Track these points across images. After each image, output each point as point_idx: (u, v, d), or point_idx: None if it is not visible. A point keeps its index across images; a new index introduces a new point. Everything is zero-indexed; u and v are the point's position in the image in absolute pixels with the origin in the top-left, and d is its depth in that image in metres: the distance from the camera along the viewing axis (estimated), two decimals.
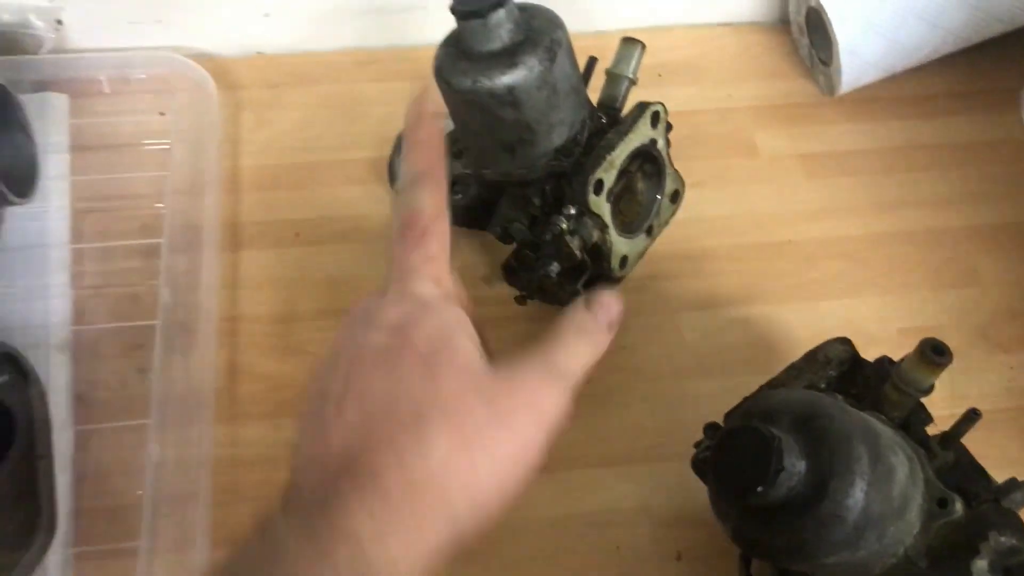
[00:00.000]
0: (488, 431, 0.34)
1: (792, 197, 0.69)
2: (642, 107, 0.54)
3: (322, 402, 0.35)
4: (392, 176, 0.63)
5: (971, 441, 0.48)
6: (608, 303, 0.40)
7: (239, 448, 0.58)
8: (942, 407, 0.49)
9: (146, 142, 0.69)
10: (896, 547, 0.42)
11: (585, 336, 0.39)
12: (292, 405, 0.59)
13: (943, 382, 0.60)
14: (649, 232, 0.58)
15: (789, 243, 0.67)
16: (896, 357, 0.48)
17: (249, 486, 0.57)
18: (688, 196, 0.66)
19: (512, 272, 0.59)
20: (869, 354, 0.51)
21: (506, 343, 0.62)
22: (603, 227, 0.54)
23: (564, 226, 0.51)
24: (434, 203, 0.40)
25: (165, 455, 0.55)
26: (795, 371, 0.50)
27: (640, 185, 0.57)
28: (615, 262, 0.55)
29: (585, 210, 0.52)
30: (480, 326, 0.40)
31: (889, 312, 0.64)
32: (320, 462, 0.34)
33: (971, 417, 0.45)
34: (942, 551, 0.43)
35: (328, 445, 0.34)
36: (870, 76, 0.72)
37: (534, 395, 0.36)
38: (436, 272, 0.39)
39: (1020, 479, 0.45)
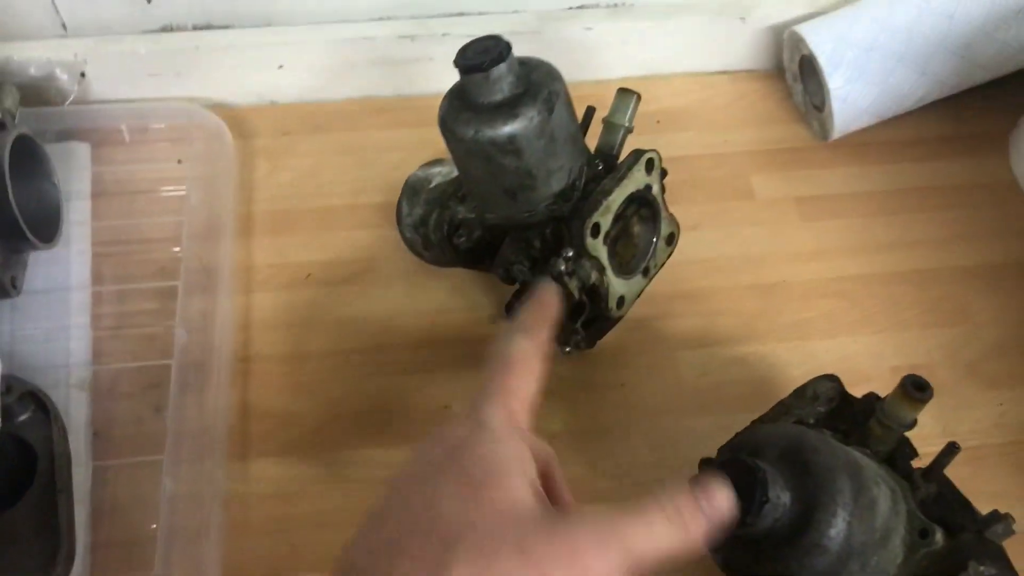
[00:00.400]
0: (510, 566, 0.33)
1: (787, 238, 0.71)
2: (637, 154, 0.57)
3: (376, 510, 0.37)
4: (400, 221, 0.66)
5: (962, 475, 0.49)
6: (716, 494, 0.37)
7: (250, 484, 0.60)
8: (933, 442, 0.50)
9: (164, 189, 0.72)
10: None
11: (675, 521, 0.35)
12: (302, 442, 0.62)
13: (934, 418, 0.62)
14: (645, 273, 0.60)
15: (783, 283, 0.69)
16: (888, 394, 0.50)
17: (260, 521, 0.59)
18: (685, 238, 0.68)
19: (514, 311, 0.61)
20: (863, 391, 0.52)
21: None
22: (600, 269, 0.56)
23: (562, 267, 0.53)
24: (528, 348, 0.42)
25: (179, 490, 0.57)
26: (784, 407, 0.52)
27: (636, 228, 0.59)
28: (612, 302, 0.58)
29: (583, 252, 0.54)
30: (551, 472, 0.41)
31: (882, 350, 0.66)
32: (354, 567, 0.36)
33: (951, 450, 0.46)
34: None
35: (364, 551, 0.36)
36: (862, 121, 0.74)
37: (576, 555, 0.33)
38: (511, 405, 0.40)
39: (1004, 511, 0.47)
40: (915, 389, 0.46)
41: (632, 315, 0.65)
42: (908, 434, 0.49)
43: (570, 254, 0.54)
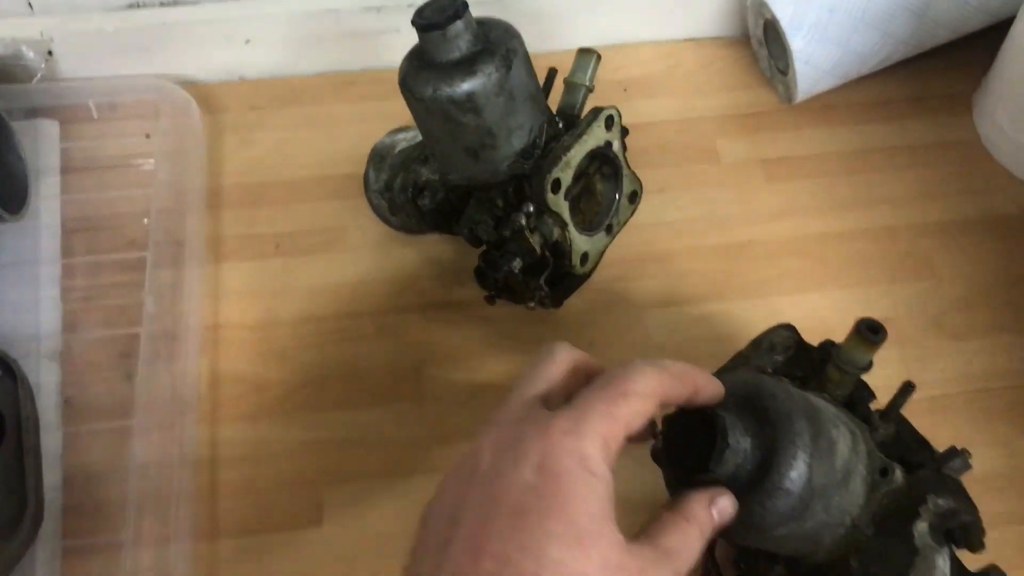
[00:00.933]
0: None
1: (753, 200, 0.72)
2: (596, 111, 0.57)
3: (453, 537, 0.35)
4: (367, 187, 0.66)
5: (926, 424, 0.50)
6: (722, 501, 0.41)
7: (221, 448, 0.61)
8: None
9: (132, 163, 0.72)
10: (843, 517, 0.44)
11: (704, 533, 0.40)
12: (272, 407, 0.62)
13: (899, 370, 0.63)
14: (609, 230, 0.61)
15: (750, 243, 0.69)
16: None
17: (230, 484, 0.59)
18: (652, 201, 0.68)
19: (482, 274, 0.62)
20: None
21: (476, 343, 0.65)
22: (563, 224, 0.56)
23: (523, 222, 0.54)
24: (652, 390, 0.39)
25: (149, 455, 0.58)
26: (742, 358, 0.53)
27: (599, 186, 0.60)
28: (576, 259, 0.58)
29: (544, 208, 0.55)
30: None
31: (847, 305, 0.66)
32: None
33: (906, 390, 0.47)
34: (886, 518, 0.45)
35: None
36: (825, 83, 0.75)
37: None
38: (610, 437, 0.37)
39: (962, 447, 0.47)
40: (869, 331, 0.46)
41: (599, 277, 0.65)
42: (874, 386, 0.49)
43: (531, 209, 0.55)
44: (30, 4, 0.74)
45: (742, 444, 0.43)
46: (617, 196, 0.60)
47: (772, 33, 0.75)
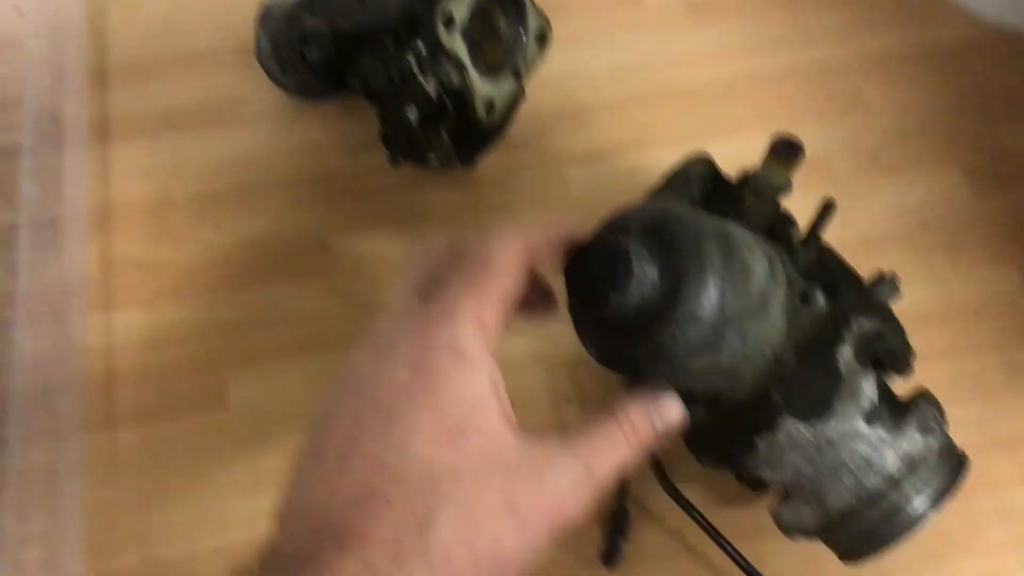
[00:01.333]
0: (499, 524, 0.31)
1: (677, 44, 0.67)
2: None
3: (327, 443, 0.32)
4: (258, 48, 0.61)
5: (861, 263, 0.47)
6: (666, 408, 0.38)
7: (116, 336, 0.57)
8: (832, 233, 0.48)
9: (2, 41, 0.66)
10: (762, 348, 0.41)
11: (632, 439, 0.36)
12: (170, 290, 0.58)
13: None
14: (516, 75, 0.56)
15: (676, 89, 0.65)
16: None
17: (127, 371, 0.56)
18: (571, 51, 0.64)
19: (386, 136, 0.57)
20: None
21: (384, 212, 0.61)
22: (461, 67, 0.52)
23: (413, 62, 0.49)
24: (513, 250, 0.36)
25: (35, 346, 0.54)
26: (655, 195, 0.49)
27: (502, 25, 0.55)
28: (480, 107, 0.54)
29: (438, 48, 0.50)
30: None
31: None
32: (310, 516, 0.31)
33: (826, 210, 0.44)
34: (809, 346, 0.42)
35: (323, 499, 0.31)
36: None
37: (561, 501, 0.33)
38: (484, 315, 0.34)
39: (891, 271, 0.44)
40: (784, 148, 0.43)
41: (516, 135, 0.61)
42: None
43: (423, 50, 0.50)
44: None
45: (648, 272, 0.39)
46: (523, 36, 0.56)
47: None
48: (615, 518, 0.51)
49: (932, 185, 0.61)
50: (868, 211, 0.60)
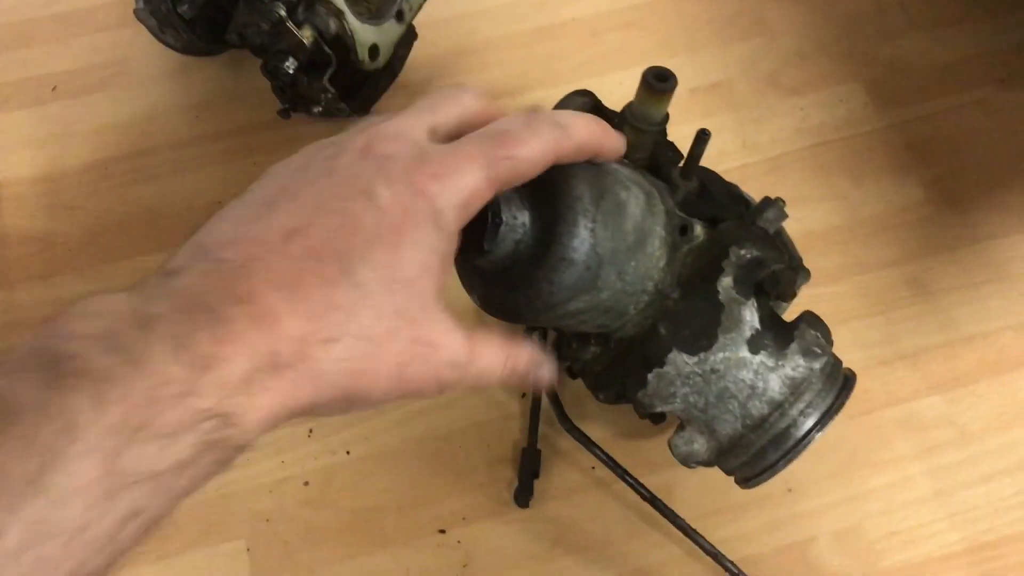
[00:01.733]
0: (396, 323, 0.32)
1: None
2: None
3: (280, 190, 0.32)
4: (137, 7, 0.59)
5: (764, 185, 0.47)
6: (521, 356, 0.37)
7: (14, 313, 0.56)
8: (735, 158, 0.48)
9: None
10: (643, 283, 0.41)
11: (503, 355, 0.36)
12: (68, 261, 0.57)
13: (734, 132, 0.59)
14: (400, 18, 0.55)
15: (572, 21, 0.64)
16: (688, 119, 0.46)
17: None
18: None
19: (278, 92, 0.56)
20: None
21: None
22: (338, 13, 0.50)
23: (282, 13, 0.48)
24: (542, 154, 0.35)
25: None
26: None
27: None
28: (363, 52, 0.52)
29: None
30: None
31: (679, 73, 0.60)
32: (257, 241, 0.31)
33: (700, 138, 0.43)
34: (691, 279, 0.42)
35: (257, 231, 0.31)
36: None
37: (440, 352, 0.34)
38: (477, 194, 0.34)
39: (776, 197, 0.44)
40: (656, 80, 0.42)
41: (411, 78, 0.60)
42: (709, 153, 0.44)
43: None
44: None
45: (519, 218, 0.39)
46: None
47: None
48: (526, 458, 0.51)
49: (833, 104, 0.60)
50: (769, 132, 0.59)
